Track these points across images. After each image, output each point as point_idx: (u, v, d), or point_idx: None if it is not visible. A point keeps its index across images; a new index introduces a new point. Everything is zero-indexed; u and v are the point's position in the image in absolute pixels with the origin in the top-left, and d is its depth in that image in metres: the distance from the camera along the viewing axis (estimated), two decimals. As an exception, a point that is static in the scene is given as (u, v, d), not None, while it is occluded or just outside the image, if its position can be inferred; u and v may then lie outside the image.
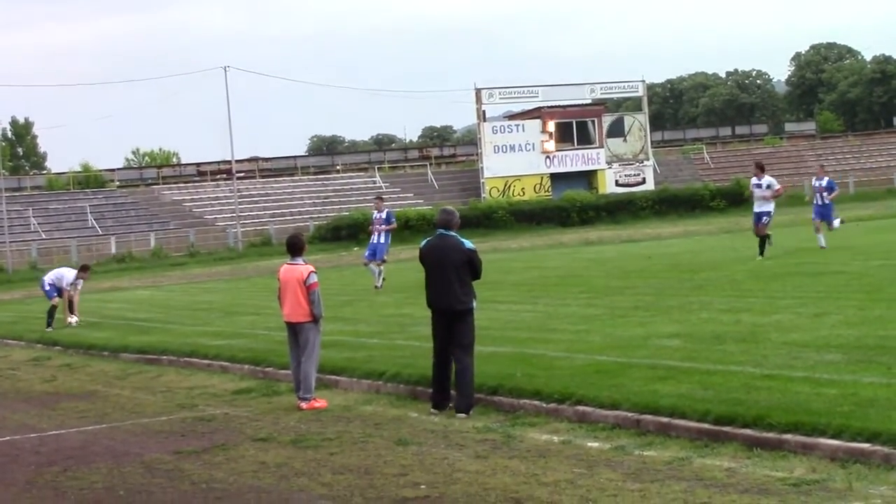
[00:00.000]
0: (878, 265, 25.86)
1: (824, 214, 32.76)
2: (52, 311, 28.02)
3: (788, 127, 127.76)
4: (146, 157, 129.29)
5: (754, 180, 31.42)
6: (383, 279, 31.77)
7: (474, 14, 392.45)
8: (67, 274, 28.90)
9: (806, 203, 39.84)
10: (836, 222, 33.27)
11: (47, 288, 28.55)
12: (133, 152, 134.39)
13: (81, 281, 29.11)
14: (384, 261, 32.47)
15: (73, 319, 28.34)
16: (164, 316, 29.50)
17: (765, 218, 30.40)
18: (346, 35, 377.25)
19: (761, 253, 29.89)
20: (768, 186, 30.85)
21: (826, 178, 33.45)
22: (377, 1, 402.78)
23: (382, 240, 32.38)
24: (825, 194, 32.77)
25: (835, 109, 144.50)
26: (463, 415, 13.60)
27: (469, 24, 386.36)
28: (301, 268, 15.37)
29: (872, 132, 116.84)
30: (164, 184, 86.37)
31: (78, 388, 19.05)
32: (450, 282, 13.97)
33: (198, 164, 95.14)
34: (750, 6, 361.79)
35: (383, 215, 32.71)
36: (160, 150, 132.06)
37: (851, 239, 35.48)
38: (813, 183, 34.19)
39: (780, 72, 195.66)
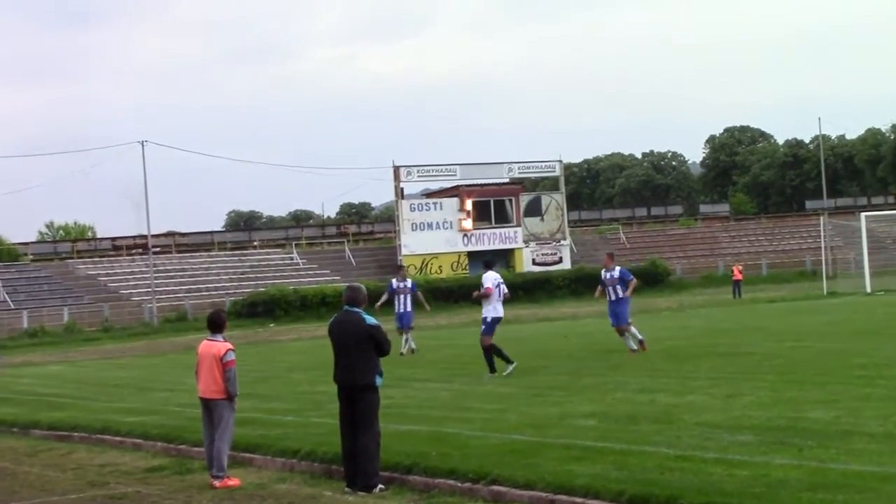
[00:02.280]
0: (790, 346, 26.18)
1: (618, 314, 28.05)
2: None
3: (703, 208, 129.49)
4: (60, 231, 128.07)
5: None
6: (412, 348, 32.79)
7: (394, 90, 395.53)
8: None
9: (717, 282, 40.20)
10: (633, 330, 27.95)
11: None
12: (47, 226, 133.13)
13: None
14: (412, 328, 33.55)
15: None
16: (77, 392, 29.09)
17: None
18: (266, 110, 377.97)
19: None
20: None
21: (618, 268, 28.65)
22: (296, 76, 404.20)
23: (409, 308, 33.44)
24: (619, 287, 28.04)
25: (748, 192, 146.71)
26: (363, 493, 13.56)
27: (388, 101, 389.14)
28: (219, 344, 15.27)
29: (785, 214, 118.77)
30: (78, 258, 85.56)
31: (-14, 465, 18.69)
32: (352, 357, 14.07)
33: (113, 239, 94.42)
34: (666, 89, 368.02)
35: (408, 284, 33.91)
36: (75, 223, 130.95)
37: (764, 320, 35.96)
38: (602, 275, 28.81)
39: (694, 154, 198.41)
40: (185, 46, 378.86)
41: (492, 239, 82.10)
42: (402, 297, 33.43)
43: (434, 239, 79.89)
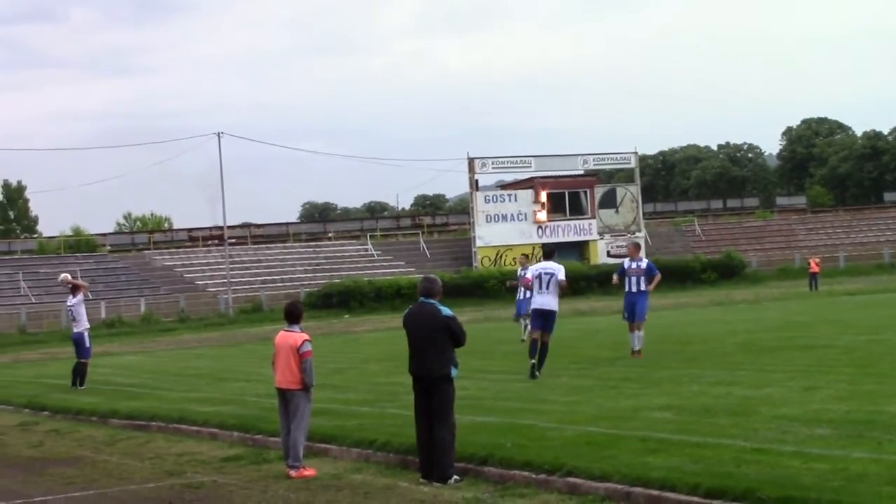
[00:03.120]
0: (868, 340, 25.90)
1: (637, 308, 26.34)
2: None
3: (779, 201, 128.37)
4: (138, 222, 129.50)
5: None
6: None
7: (470, 83, 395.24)
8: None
9: (794, 274, 39.75)
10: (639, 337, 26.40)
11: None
12: (125, 217, 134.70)
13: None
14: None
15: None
16: (154, 381, 29.39)
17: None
18: (342, 102, 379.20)
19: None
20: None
21: (645, 260, 27.56)
22: (370, 68, 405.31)
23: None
24: (642, 279, 26.57)
25: (825, 184, 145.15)
26: (439, 484, 13.59)
27: (464, 94, 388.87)
28: (296, 335, 15.35)
29: (862, 207, 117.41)
30: (155, 249, 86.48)
31: (65, 453, 18.93)
32: (427, 349, 14.07)
33: (189, 230, 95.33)
34: (742, 80, 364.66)
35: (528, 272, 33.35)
36: (152, 214, 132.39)
37: (841, 313, 35.59)
38: (626, 265, 27.01)
39: (771, 146, 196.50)
40: (262, 39, 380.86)
41: (566, 231, 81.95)
42: (522, 284, 33.09)
43: (508, 231, 79.85)
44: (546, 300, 23.61)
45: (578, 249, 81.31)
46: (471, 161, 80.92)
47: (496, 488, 13.22)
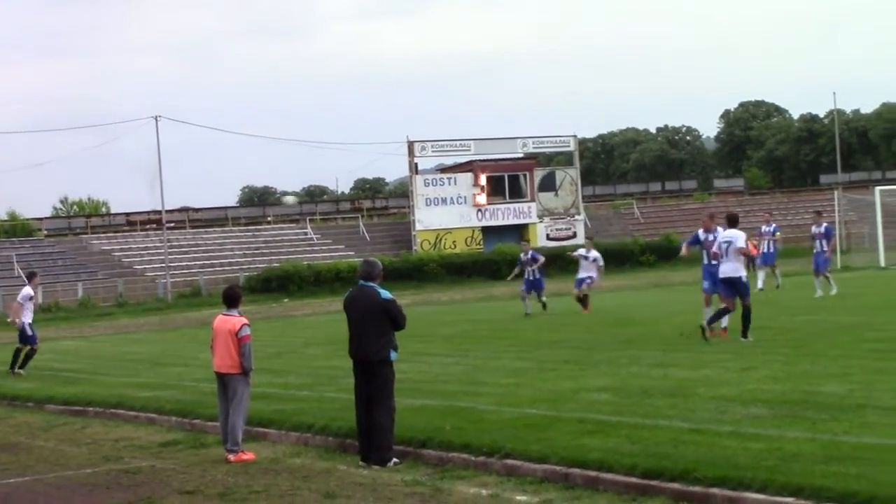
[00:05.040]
0: (804, 320, 26.17)
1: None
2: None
3: (717, 183, 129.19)
4: (75, 207, 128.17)
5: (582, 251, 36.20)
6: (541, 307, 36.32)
7: (408, 65, 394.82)
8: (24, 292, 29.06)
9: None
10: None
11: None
12: (61, 201, 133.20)
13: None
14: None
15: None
16: (91, 367, 29.18)
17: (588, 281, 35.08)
18: (280, 86, 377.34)
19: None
20: (594, 260, 35.29)
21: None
22: (310, 52, 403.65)
23: (538, 276, 36.93)
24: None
25: (763, 166, 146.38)
26: (378, 467, 13.63)
27: (402, 76, 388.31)
28: (234, 319, 15.32)
29: (799, 189, 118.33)
30: (92, 233, 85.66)
31: (1, 439, 18.78)
32: (367, 332, 14.11)
33: (127, 214, 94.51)
34: (681, 63, 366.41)
35: (529, 256, 37.10)
36: (89, 199, 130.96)
37: (777, 294, 35.91)
38: (700, 236, 26.47)
39: (709, 128, 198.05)
40: (201, 21, 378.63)
41: (506, 214, 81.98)
42: (528, 267, 36.81)
43: (448, 214, 79.78)
44: (729, 268, 23.63)
45: (518, 232, 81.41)
46: (410, 144, 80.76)
47: (435, 471, 13.26)
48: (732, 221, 24.50)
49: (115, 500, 12.93)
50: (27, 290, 29.07)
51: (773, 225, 34.60)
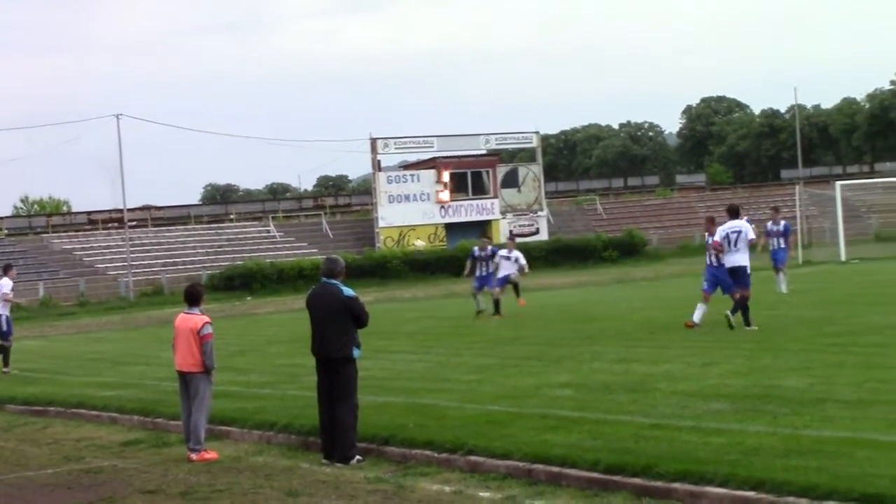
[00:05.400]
0: (765, 315, 26.27)
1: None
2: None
3: (679, 179, 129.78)
4: (35, 206, 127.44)
5: (504, 252, 34.17)
6: (486, 309, 33.46)
7: (371, 63, 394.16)
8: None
9: (694, 252, 40.25)
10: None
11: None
12: (22, 200, 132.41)
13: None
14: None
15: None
16: (52, 366, 29.02)
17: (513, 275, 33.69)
18: (242, 83, 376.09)
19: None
20: (516, 260, 33.64)
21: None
22: (272, 49, 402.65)
23: (491, 272, 34.25)
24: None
25: (724, 161, 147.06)
26: (341, 464, 13.64)
27: (366, 73, 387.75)
28: (196, 318, 15.27)
29: (761, 184, 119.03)
30: (53, 232, 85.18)
31: (-38, 440, 18.66)
32: (329, 330, 14.11)
33: (89, 213, 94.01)
34: (643, 59, 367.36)
35: (488, 251, 34.86)
36: (50, 198, 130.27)
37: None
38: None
39: (671, 124, 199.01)
40: (164, 18, 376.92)
41: (469, 210, 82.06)
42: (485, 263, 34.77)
43: (411, 211, 79.78)
44: (735, 257, 24.03)
45: (481, 229, 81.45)
46: (373, 141, 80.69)
47: (398, 468, 13.27)
48: (734, 213, 24.90)
49: (76, 501, 12.87)
50: (7, 281, 28.60)
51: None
